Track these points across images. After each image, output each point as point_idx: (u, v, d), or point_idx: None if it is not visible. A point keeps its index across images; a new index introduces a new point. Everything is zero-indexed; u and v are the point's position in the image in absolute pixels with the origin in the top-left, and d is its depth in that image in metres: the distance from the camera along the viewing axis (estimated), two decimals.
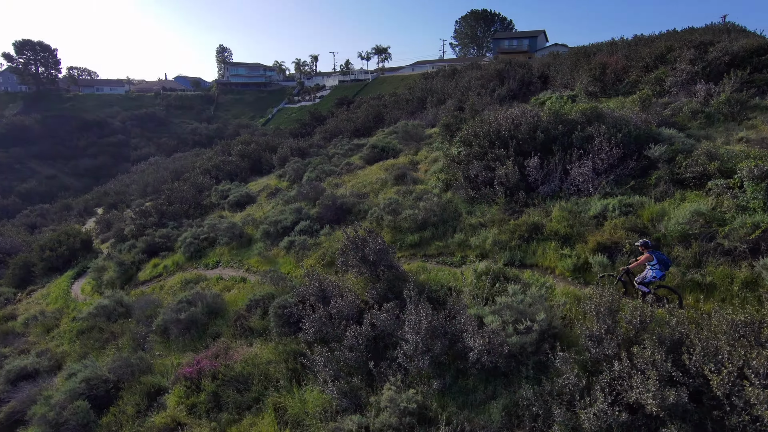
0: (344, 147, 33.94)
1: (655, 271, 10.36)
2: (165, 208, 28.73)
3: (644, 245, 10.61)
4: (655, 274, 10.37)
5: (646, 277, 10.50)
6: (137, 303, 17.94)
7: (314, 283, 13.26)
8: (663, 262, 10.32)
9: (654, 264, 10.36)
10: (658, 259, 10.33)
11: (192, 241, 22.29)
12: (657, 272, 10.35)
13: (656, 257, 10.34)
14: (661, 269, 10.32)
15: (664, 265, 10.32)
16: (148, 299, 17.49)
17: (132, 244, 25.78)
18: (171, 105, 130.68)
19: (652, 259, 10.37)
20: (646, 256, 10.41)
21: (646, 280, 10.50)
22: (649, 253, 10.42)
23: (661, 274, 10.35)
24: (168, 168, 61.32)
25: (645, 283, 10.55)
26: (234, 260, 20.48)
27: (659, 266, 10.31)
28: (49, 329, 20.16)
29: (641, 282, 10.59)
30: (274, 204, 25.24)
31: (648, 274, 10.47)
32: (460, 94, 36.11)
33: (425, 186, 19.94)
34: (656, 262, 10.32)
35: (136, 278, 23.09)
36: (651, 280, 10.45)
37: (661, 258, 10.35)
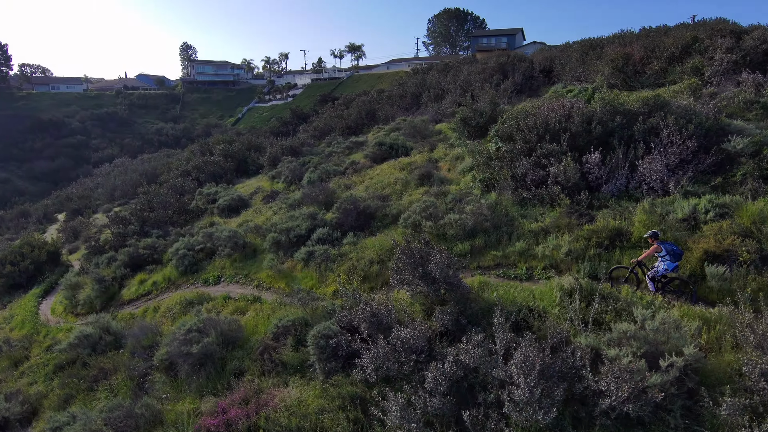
0: (341, 145, 31.41)
1: (667, 263, 9.96)
2: (146, 215, 25.53)
3: (653, 236, 10.23)
4: (666, 266, 9.98)
5: (658, 271, 10.10)
6: (130, 330, 15.02)
7: (365, 308, 10.83)
8: (673, 253, 9.93)
9: (663, 255, 9.97)
10: (667, 250, 9.95)
11: (186, 253, 19.37)
12: (669, 264, 9.95)
13: (665, 248, 9.96)
14: (672, 260, 9.93)
15: (674, 256, 9.93)
16: (143, 326, 14.60)
17: (111, 256, 22.54)
18: (134, 104, 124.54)
19: (660, 250, 9.98)
20: (654, 247, 10.03)
21: (659, 274, 10.10)
22: (658, 244, 10.04)
23: (673, 266, 9.95)
24: (137, 170, 57.12)
25: (655, 279, 10.18)
26: (239, 275, 17.74)
27: (669, 258, 9.93)
28: (16, 362, 16.93)
29: (652, 277, 10.24)
30: (276, 208, 22.53)
31: (659, 267, 10.09)
32: (461, 88, 34.13)
33: (458, 187, 17.73)
34: (665, 254, 9.94)
35: (120, 297, 19.98)
36: (663, 272, 10.05)
37: (671, 249, 9.96)
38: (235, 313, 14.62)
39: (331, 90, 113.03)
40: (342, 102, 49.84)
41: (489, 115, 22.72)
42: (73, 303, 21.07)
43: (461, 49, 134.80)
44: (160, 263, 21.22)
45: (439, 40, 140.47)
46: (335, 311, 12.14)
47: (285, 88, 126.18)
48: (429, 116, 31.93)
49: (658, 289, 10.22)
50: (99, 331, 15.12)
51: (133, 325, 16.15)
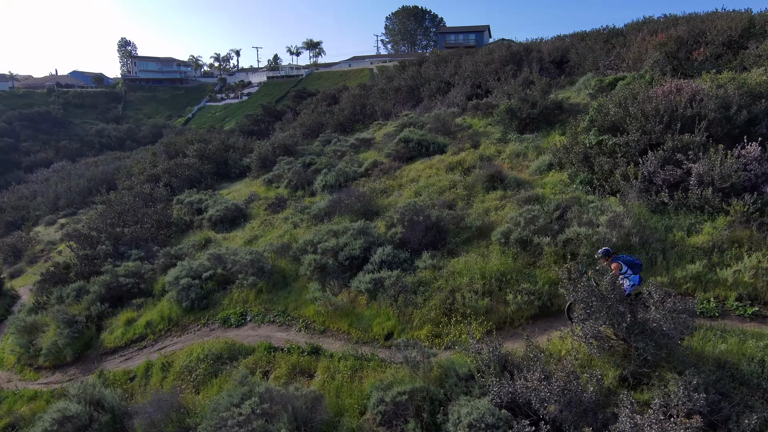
0: (345, 143, 27.29)
1: (631, 278, 8.92)
2: (119, 231, 20.36)
3: (606, 254, 9.17)
4: (632, 281, 8.91)
5: (625, 291, 8.61)
6: (137, 406, 10.46)
7: (543, 375, 7.10)
8: (633, 265, 9.01)
9: (625, 272, 8.94)
10: (626, 264, 9.00)
11: (191, 283, 14.73)
12: (634, 278, 8.94)
13: (624, 263, 8.99)
14: (635, 273, 8.96)
15: (636, 267, 9.02)
16: (159, 400, 10.06)
17: (80, 287, 17.42)
18: (69, 103, 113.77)
19: (621, 268, 8.93)
20: (616, 266, 8.88)
21: (626, 294, 8.63)
22: (616, 261, 9.00)
23: (637, 279, 8.96)
24: (83, 175, 50.17)
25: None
26: (272, 311, 13.42)
27: (631, 271, 8.97)
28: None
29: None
30: (295, 220, 18.23)
31: (626, 285, 8.75)
32: (472, 80, 30.85)
33: (546, 190, 14.25)
34: (626, 269, 8.96)
35: (99, 343, 15.06)
36: (630, 290, 8.83)
37: (630, 261, 9.06)
38: (293, 374, 10.42)
39: (290, 87, 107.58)
40: (322, 98, 45.44)
41: (544, 105, 19.45)
42: (31, 352, 15.88)
43: (420, 47, 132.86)
44: (150, 295, 16.41)
45: (398, 38, 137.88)
46: (473, 378, 8.30)
47: (238, 86, 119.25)
48: (443, 109, 28.40)
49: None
50: (88, 409, 10.44)
51: (135, 393, 11.54)
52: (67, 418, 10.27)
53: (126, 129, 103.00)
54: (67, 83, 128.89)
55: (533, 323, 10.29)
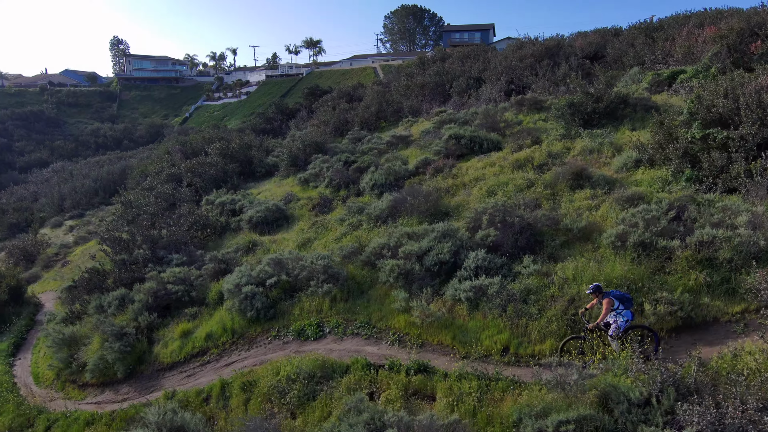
0: (380, 141, 26.07)
1: (624, 314, 8.85)
2: (155, 233, 18.95)
3: (596, 290, 9.10)
4: (625, 317, 8.86)
5: (620, 327, 8.79)
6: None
7: None
8: (624, 300, 8.92)
9: (617, 308, 8.85)
10: (618, 299, 8.89)
11: (254, 291, 13.44)
12: (627, 314, 8.87)
13: (616, 299, 8.88)
14: (626, 308, 8.88)
15: (627, 302, 8.93)
16: (255, 428, 8.81)
17: (122, 295, 16.03)
18: (63, 102, 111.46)
19: (613, 304, 8.85)
20: (608, 302, 8.83)
21: (621, 330, 8.79)
22: (607, 297, 8.91)
23: (630, 315, 8.92)
24: (88, 176, 48.42)
25: (617, 336, 8.81)
26: (353, 322, 12.21)
27: (623, 307, 8.87)
28: None
29: (614, 336, 8.84)
30: (352, 221, 17.00)
31: (619, 322, 8.82)
32: (506, 75, 29.81)
33: (643, 188, 13.15)
34: (618, 305, 8.86)
35: (154, 358, 13.71)
36: (624, 326, 8.83)
37: (621, 296, 8.95)
38: (407, 397, 9.21)
39: (290, 87, 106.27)
40: (338, 95, 44.13)
41: (610, 99, 18.41)
42: (73, 367, 14.51)
43: (419, 46, 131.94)
44: (203, 304, 15.10)
45: (397, 38, 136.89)
46: (650, 404, 7.19)
47: (236, 85, 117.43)
48: (480, 106, 27.34)
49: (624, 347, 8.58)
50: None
51: (216, 418, 10.27)
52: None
53: (122, 128, 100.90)
54: (59, 82, 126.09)
55: (677, 336, 9.20)
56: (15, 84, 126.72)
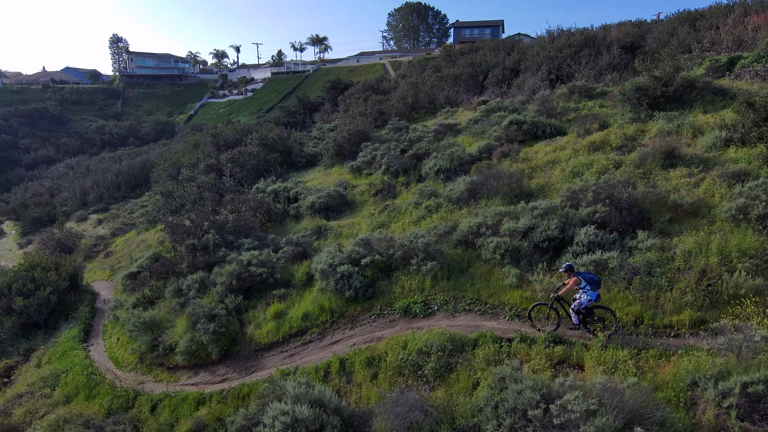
0: (427, 130, 25.96)
1: (589, 293, 9.75)
2: (222, 219, 18.72)
3: (568, 269, 10.03)
4: (589, 296, 9.74)
5: (581, 303, 9.83)
6: (365, 408, 9.10)
7: None
8: (592, 282, 9.77)
9: (584, 286, 9.79)
10: (586, 280, 9.77)
11: (350, 271, 13.30)
12: (591, 294, 9.73)
13: (584, 279, 9.79)
14: (593, 289, 9.74)
15: (594, 284, 9.77)
16: (403, 400, 8.70)
17: (202, 279, 15.82)
18: (66, 100, 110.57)
19: (580, 282, 9.80)
20: (574, 280, 9.83)
21: (582, 306, 9.83)
22: (576, 276, 9.85)
23: (595, 295, 9.76)
24: (109, 170, 47.94)
25: (579, 311, 9.90)
26: (461, 299, 12.10)
27: (590, 287, 9.75)
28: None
29: (576, 310, 9.93)
30: (429, 205, 16.89)
31: (582, 298, 9.82)
32: (547, 64, 29.82)
33: (742, 165, 13.16)
34: (585, 284, 9.77)
35: (249, 339, 13.53)
36: (587, 303, 9.79)
37: (590, 278, 9.81)
38: (555, 366, 9.13)
39: (298, 83, 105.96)
40: (362, 88, 43.94)
41: (679, 84, 18.42)
42: (160, 350, 14.30)
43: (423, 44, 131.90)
44: (287, 285, 14.94)
45: (401, 35, 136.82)
46: None
47: (241, 82, 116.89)
48: (524, 95, 27.36)
49: (581, 322, 9.94)
50: (317, 411, 9.02)
51: (343, 393, 10.15)
52: (298, 421, 8.85)
53: (127, 126, 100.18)
54: (61, 79, 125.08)
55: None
56: (16, 81, 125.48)
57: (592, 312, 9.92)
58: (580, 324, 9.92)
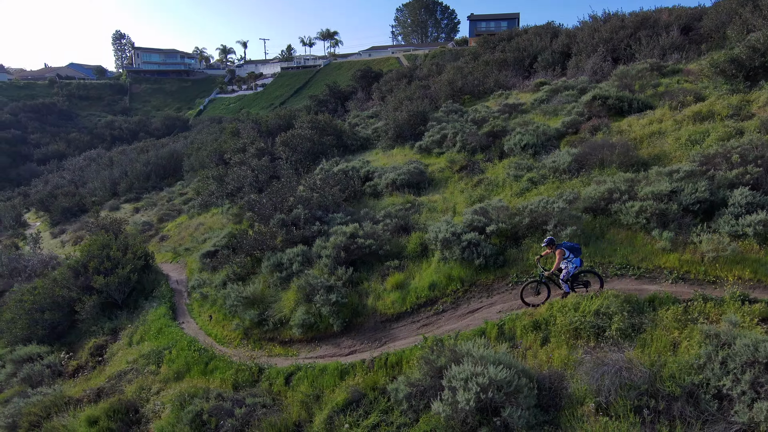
0: (490, 110, 25.37)
1: (573, 261, 10.27)
2: (308, 195, 18.09)
3: (550, 243, 10.48)
4: (574, 264, 10.28)
5: (569, 272, 10.32)
6: (577, 366, 8.52)
7: None
8: (574, 250, 10.29)
9: (567, 257, 10.26)
10: (569, 249, 10.26)
11: (477, 239, 12.70)
12: (576, 261, 10.29)
13: (566, 249, 10.25)
14: (576, 256, 10.27)
15: (576, 251, 10.29)
16: (612, 359, 8.14)
17: (303, 252, 15.19)
18: (73, 95, 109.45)
19: (564, 253, 10.26)
20: (560, 252, 10.26)
21: (570, 275, 10.35)
22: (559, 248, 10.31)
23: (579, 261, 10.32)
24: (138, 161, 47.17)
25: (568, 279, 10.41)
26: (608, 264, 11.53)
27: (572, 255, 10.25)
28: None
29: (565, 279, 10.42)
30: (530, 177, 16.34)
31: (569, 268, 10.31)
32: (604, 46, 29.33)
33: None
34: (569, 254, 10.25)
35: (369, 311, 12.92)
36: (573, 271, 10.33)
37: (571, 246, 10.31)
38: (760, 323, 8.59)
39: (308, 78, 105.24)
40: (396, 76, 43.36)
41: None
42: (270, 325, 13.68)
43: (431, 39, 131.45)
44: (399, 257, 14.34)
45: (409, 30, 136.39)
46: None
47: (250, 77, 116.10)
48: (586, 75, 26.87)
49: (571, 289, 10.48)
50: (509, 373, 8.43)
51: (519, 358, 9.56)
52: (493, 383, 8.26)
53: (137, 121, 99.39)
54: (67, 75, 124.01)
55: None
56: (21, 77, 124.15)
57: (577, 277, 10.52)
58: (570, 291, 10.45)
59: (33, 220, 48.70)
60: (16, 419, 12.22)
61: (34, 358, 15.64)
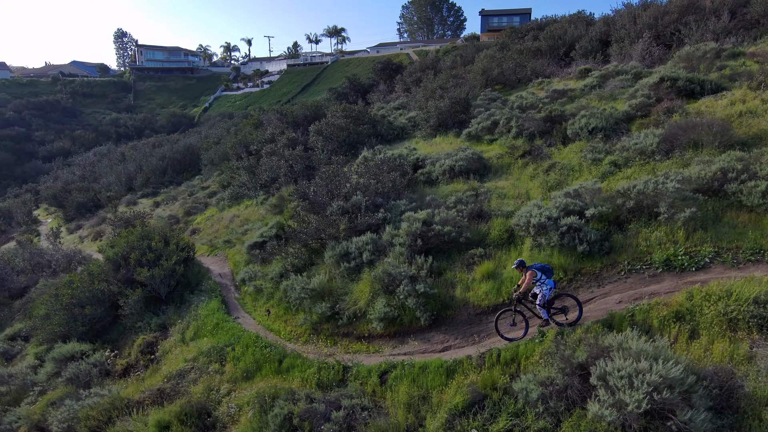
0: (537, 97, 24.22)
1: (547, 282, 9.60)
2: (365, 182, 16.87)
3: (520, 265, 9.91)
4: (549, 285, 9.61)
5: (545, 296, 9.56)
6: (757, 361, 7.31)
7: None
8: (546, 270, 9.68)
9: (540, 278, 9.63)
10: (540, 270, 9.65)
11: (578, 224, 11.50)
12: (549, 282, 9.62)
13: (538, 270, 9.65)
14: (549, 277, 9.64)
15: (549, 272, 9.68)
16: None
17: (372, 240, 13.95)
18: (77, 92, 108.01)
19: (536, 275, 9.63)
20: (530, 273, 9.59)
21: (546, 299, 9.58)
22: (530, 269, 9.67)
23: (552, 283, 9.68)
24: (153, 155, 45.85)
25: (544, 305, 9.61)
26: (736, 249, 10.34)
27: (545, 276, 9.62)
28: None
29: (541, 305, 9.62)
30: (611, 160, 15.14)
31: (544, 291, 9.58)
32: (649, 31, 28.17)
33: None
34: (540, 275, 9.63)
35: (459, 303, 11.70)
36: (549, 294, 9.61)
37: (542, 267, 9.70)
38: None
39: (316, 75, 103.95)
40: (420, 67, 42.17)
41: None
42: (344, 319, 12.45)
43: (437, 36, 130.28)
44: (481, 245, 13.13)
45: (414, 27, 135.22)
46: None
47: (256, 74, 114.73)
48: (636, 61, 25.71)
49: (549, 316, 9.71)
50: (683, 370, 7.23)
51: None
52: (666, 381, 7.06)
53: (142, 118, 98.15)
54: (70, 72, 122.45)
55: None
56: (23, 74, 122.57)
57: (553, 302, 9.76)
58: (548, 318, 9.70)
59: (44, 216, 47.39)
60: (72, 424, 10.96)
61: (77, 356, 14.38)
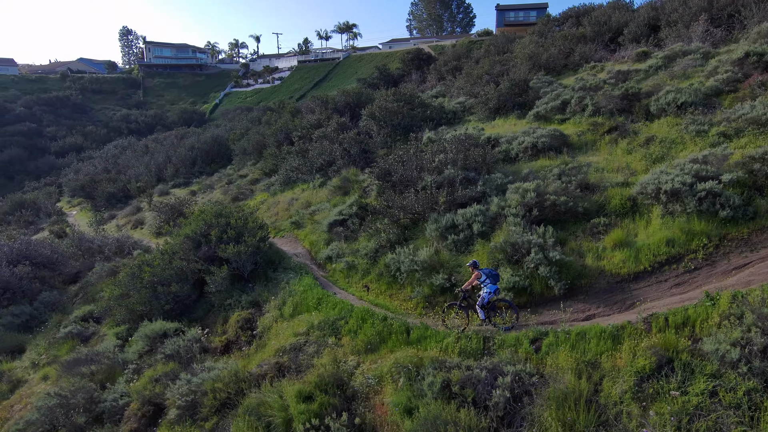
0: (599, 79, 23.73)
1: (489, 287, 10.22)
2: (454, 156, 16.38)
3: (474, 265, 10.54)
4: (489, 289, 10.22)
5: (484, 299, 10.27)
6: None
7: None
8: (491, 276, 10.26)
9: (484, 281, 10.24)
10: (486, 275, 10.24)
11: (717, 189, 11.00)
12: (491, 287, 10.23)
13: (484, 273, 10.26)
14: (492, 282, 10.23)
15: (493, 278, 10.26)
16: None
17: (480, 211, 13.41)
18: (86, 89, 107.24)
19: (480, 276, 10.25)
20: (476, 274, 10.30)
21: (485, 302, 10.28)
22: (478, 271, 10.33)
23: (494, 288, 10.26)
24: (182, 146, 45.29)
25: (483, 306, 10.32)
26: None
27: (489, 281, 10.21)
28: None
29: (480, 305, 10.35)
30: (718, 131, 14.66)
31: (484, 293, 10.27)
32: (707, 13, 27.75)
33: None
34: (485, 278, 10.22)
35: (594, 272, 11.17)
36: (488, 298, 10.24)
37: (489, 272, 10.30)
38: None
39: (328, 71, 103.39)
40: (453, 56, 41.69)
41: None
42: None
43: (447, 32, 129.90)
44: (600, 214, 12.63)
45: (424, 24, 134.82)
46: None
47: (266, 71, 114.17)
48: (697, 41, 25.29)
49: (486, 317, 10.28)
50: None
51: None
52: None
53: (153, 114, 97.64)
54: (78, 69, 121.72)
55: None
56: (31, 71, 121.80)
57: (494, 306, 10.34)
58: (486, 319, 10.26)
59: (66, 208, 46.74)
60: (195, 397, 10.40)
61: (170, 333, 13.81)
